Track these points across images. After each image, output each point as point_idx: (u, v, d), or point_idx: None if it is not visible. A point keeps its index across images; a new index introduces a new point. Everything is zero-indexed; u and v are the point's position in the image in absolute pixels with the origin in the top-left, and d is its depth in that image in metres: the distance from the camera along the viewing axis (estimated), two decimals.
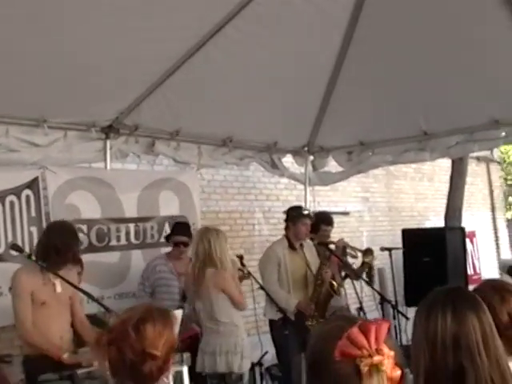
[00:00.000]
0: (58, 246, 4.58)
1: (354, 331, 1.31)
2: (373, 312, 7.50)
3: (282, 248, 6.40)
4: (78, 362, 4.42)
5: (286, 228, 6.52)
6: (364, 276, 6.63)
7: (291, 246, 6.43)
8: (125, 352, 2.19)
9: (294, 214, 6.47)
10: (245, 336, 5.63)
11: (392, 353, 1.32)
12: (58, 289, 4.67)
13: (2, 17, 4.02)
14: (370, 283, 6.55)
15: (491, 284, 2.53)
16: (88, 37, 4.55)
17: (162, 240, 6.67)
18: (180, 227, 6.33)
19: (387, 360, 1.30)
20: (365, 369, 1.29)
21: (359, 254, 6.88)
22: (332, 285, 6.25)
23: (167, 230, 6.69)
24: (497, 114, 6.40)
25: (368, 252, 6.79)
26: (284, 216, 6.71)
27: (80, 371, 4.29)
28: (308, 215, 6.49)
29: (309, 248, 6.58)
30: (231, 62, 5.60)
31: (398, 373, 1.33)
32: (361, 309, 6.42)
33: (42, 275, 4.62)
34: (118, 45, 4.79)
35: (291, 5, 5.00)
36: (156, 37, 4.83)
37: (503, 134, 6.62)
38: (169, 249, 6.36)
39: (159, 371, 2.24)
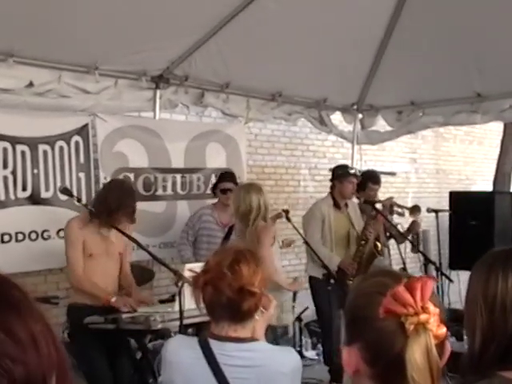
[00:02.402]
0: (113, 207, 4.62)
1: (400, 289, 1.29)
2: (416, 273, 7.48)
3: (327, 206, 6.37)
4: (126, 304, 4.50)
5: (332, 186, 6.48)
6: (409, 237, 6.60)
7: (336, 205, 6.39)
8: (223, 291, 2.31)
9: (340, 173, 6.42)
10: (284, 290, 5.63)
11: (437, 310, 1.31)
12: (113, 240, 4.74)
13: None
14: (416, 246, 6.51)
15: None
16: None
17: (208, 192, 6.69)
18: (227, 175, 6.35)
19: (433, 318, 1.29)
20: (411, 327, 1.28)
21: (406, 213, 6.83)
22: (376, 245, 6.22)
23: (213, 181, 6.69)
24: None
25: (415, 209, 6.72)
26: (330, 174, 6.67)
27: (124, 315, 4.38)
28: (354, 174, 6.44)
29: (353, 207, 6.54)
30: (285, 17, 5.53)
31: (443, 330, 1.32)
32: (404, 270, 6.38)
33: (95, 226, 4.68)
34: None
35: None
36: None
37: None
38: (215, 200, 6.37)
39: (255, 308, 2.38)
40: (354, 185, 6.37)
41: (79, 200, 4.61)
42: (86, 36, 5.02)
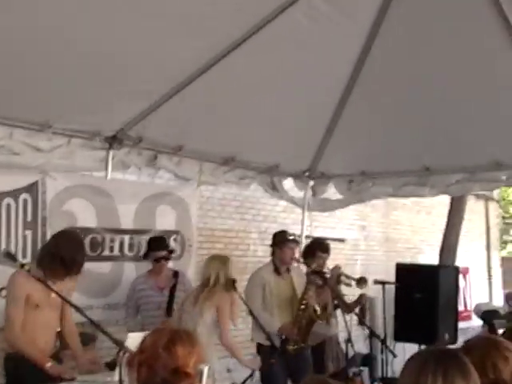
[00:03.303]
0: (65, 259, 4.57)
1: None
2: (361, 343, 7.50)
3: (268, 272, 6.42)
4: (62, 373, 4.40)
5: (272, 252, 6.53)
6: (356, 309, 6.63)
7: (277, 271, 6.43)
8: (157, 372, 2.29)
9: (279, 239, 6.49)
10: (216, 360, 5.61)
11: None
12: (53, 294, 4.64)
13: (12, 17, 4.03)
14: (361, 319, 6.54)
15: (492, 341, 2.49)
16: (100, 43, 4.55)
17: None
18: (156, 242, 6.33)
19: None
20: None
21: (353, 283, 6.89)
22: (315, 310, 6.21)
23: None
24: (499, 155, 6.41)
25: (362, 281, 6.79)
26: None
27: None
28: (293, 240, 6.51)
29: (298, 273, 6.57)
30: (240, 83, 5.60)
31: None
32: (349, 340, 6.39)
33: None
34: (130, 55, 4.79)
35: (302, 27, 5.00)
36: (168, 52, 4.85)
37: (504, 177, 6.63)
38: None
39: None
40: (293, 251, 6.43)
41: (22, 266, 4.51)
42: (39, 93, 4.99)
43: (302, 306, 6.23)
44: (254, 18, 4.81)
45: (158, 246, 6.24)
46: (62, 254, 4.60)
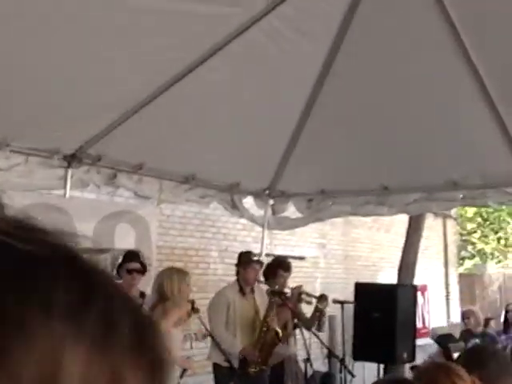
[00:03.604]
0: None
1: None
2: (320, 362, 7.51)
3: (233, 292, 6.43)
4: None
5: (237, 273, 6.54)
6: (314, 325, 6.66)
7: (241, 291, 6.44)
8: None
9: (243, 259, 6.53)
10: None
11: None
12: None
13: None
14: (319, 338, 6.56)
15: (442, 368, 2.52)
16: (58, 59, 4.53)
17: (115, 273, 6.59)
18: (132, 255, 6.31)
19: None
20: None
21: (314, 301, 6.92)
22: (277, 332, 6.23)
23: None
24: (456, 176, 6.52)
25: (322, 298, 6.84)
26: None
27: None
28: (258, 261, 6.54)
29: (260, 293, 6.59)
30: (199, 101, 5.62)
31: None
32: (308, 360, 6.41)
33: None
34: (90, 72, 4.77)
35: (262, 46, 5.05)
36: (130, 67, 4.85)
37: (461, 196, 6.74)
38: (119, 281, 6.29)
39: None
40: (256, 271, 6.47)
41: None
42: None
43: (264, 329, 6.24)
44: (214, 37, 4.84)
45: (132, 258, 6.21)
46: None
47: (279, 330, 6.24)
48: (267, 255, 8.18)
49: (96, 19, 4.23)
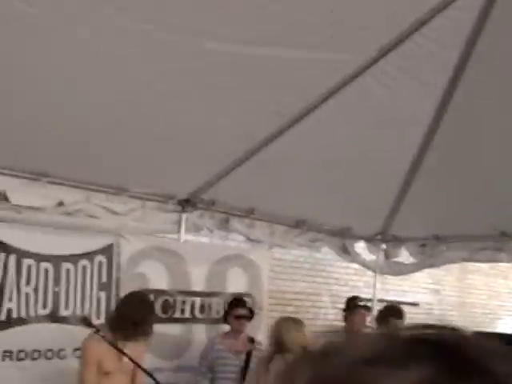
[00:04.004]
0: (135, 319, 4.65)
1: None
2: None
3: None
4: None
5: (345, 318, 6.46)
6: None
7: None
8: None
9: (350, 305, 6.44)
10: None
11: None
12: (125, 358, 4.70)
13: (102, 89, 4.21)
14: None
15: None
16: (177, 110, 4.69)
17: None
18: (240, 302, 6.33)
19: None
20: None
21: None
22: None
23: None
24: None
25: None
26: None
27: None
28: (364, 306, 6.42)
29: None
30: (311, 147, 5.65)
31: None
32: None
33: (108, 345, 4.66)
34: (205, 122, 4.91)
35: (375, 95, 5.04)
36: (241, 119, 4.94)
37: None
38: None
39: None
40: (363, 316, 6.35)
41: (98, 331, 4.60)
42: (116, 159, 5.17)
43: None
44: (325, 86, 4.87)
45: (238, 305, 6.25)
46: (132, 315, 4.67)
47: None
48: (379, 301, 8.04)
49: (217, 71, 4.35)
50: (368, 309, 6.49)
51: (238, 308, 6.20)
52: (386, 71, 4.83)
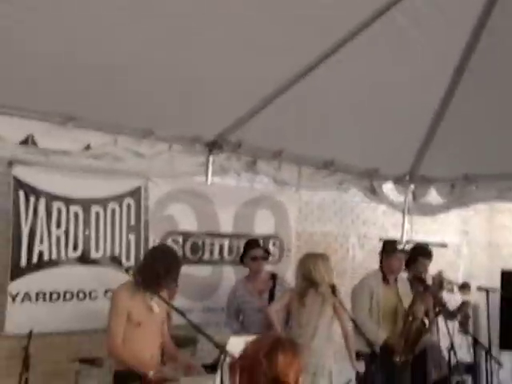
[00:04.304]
0: (160, 273, 4.69)
1: None
2: (464, 351, 7.28)
3: (376, 280, 6.34)
4: (164, 379, 4.49)
5: (381, 260, 6.44)
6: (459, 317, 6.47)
7: (385, 279, 6.34)
8: (257, 379, 2.32)
9: (388, 248, 6.40)
10: (332, 362, 5.63)
11: None
12: (156, 309, 4.77)
13: (122, 32, 4.16)
14: (464, 327, 6.37)
15: None
16: (203, 51, 4.63)
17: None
18: (255, 242, 6.37)
19: None
20: None
21: (456, 289, 6.73)
22: (423, 323, 6.07)
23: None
24: None
25: (465, 287, 6.62)
26: (379, 243, 6.64)
27: None
28: (402, 250, 6.39)
29: (402, 282, 6.46)
30: (338, 86, 5.56)
31: None
32: (452, 348, 6.22)
33: (140, 295, 4.73)
34: (231, 61, 4.84)
35: (404, 31, 4.93)
36: (266, 57, 4.87)
37: None
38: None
39: None
40: (401, 261, 6.34)
41: (127, 270, 4.65)
42: (142, 101, 5.13)
43: (410, 318, 6.11)
44: (351, 21, 4.77)
45: (252, 246, 6.28)
46: (156, 266, 4.71)
47: (426, 321, 6.09)
48: (407, 242, 8.02)
49: (242, 9, 4.27)
50: (405, 253, 6.46)
51: (253, 249, 6.23)
52: (415, 6, 4.72)
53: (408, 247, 7.31)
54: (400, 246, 6.45)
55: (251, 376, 2.33)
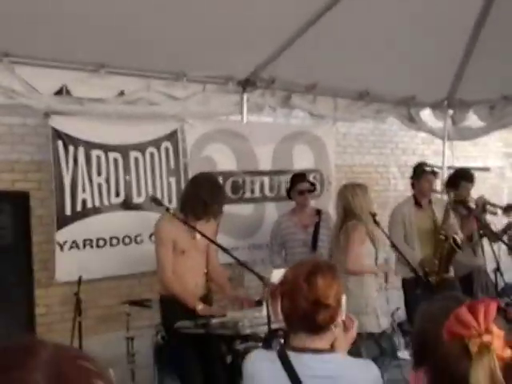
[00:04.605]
0: (205, 200, 4.72)
1: (462, 311, 1.29)
2: (510, 273, 7.27)
3: (408, 206, 6.34)
4: (211, 313, 4.58)
5: (412, 185, 6.42)
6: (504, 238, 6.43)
7: (417, 203, 6.32)
8: (298, 303, 2.35)
9: (417, 171, 6.36)
10: (374, 293, 5.63)
11: (502, 333, 1.28)
12: (198, 236, 4.80)
13: None
14: (509, 246, 6.34)
15: None
16: None
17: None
18: (299, 177, 6.35)
19: (497, 340, 1.26)
20: (474, 349, 1.26)
21: (499, 212, 6.69)
22: (455, 240, 6.05)
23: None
24: None
25: (509, 208, 6.58)
26: None
27: (214, 320, 4.45)
28: (432, 171, 6.32)
29: (440, 204, 6.41)
30: (371, 14, 5.45)
31: (508, 353, 1.29)
32: (498, 270, 6.22)
33: (181, 225, 4.75)
34: None
35: None
36: None
37: None
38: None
39: (331, 320, 2.40)
40: (430, 182, 6.29)
41: (168, 209, 4.70)
42: (172, 44, 5.12)
43: (441, 237, 6.10)
44: None
45: (299, 179, 6.28)
46: (201, 194, 4.72)
47: (457, 237, 6.06)
48: (449, 168, 7.95)
49: None
50: (435, 174, 6.39)
51: (299, 183, 6.23)
52: None
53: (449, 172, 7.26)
54: (428, 168, 6.35)
55: (292, 300, 2.37)
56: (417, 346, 1.47)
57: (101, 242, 5.55)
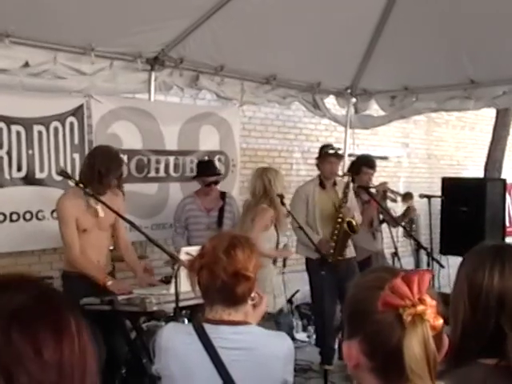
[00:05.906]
0: (101, 171, 4.64)
1: (397, 282, 1.33)
2: (407, 258, 7.56)
3: (313, 186, 6.45)
4: (121, 289, 4.55)
5: (318, 167, 6.54)
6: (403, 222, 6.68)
7: (322, 184, 6.44)
8: (218, 275, 2.37)
9: (321, 153, 6.48)
10: (274, 275, 5.76)
11: (434, 302, 1.34)
12: (101, 213, 4.74)
13: None
14: (409, 231, 6.58)
15: None
16: None
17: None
18: (207, 167, 6.36)
19: (430, 309, 1.32)
20: (408, 318, 1.31)
21: (399, 199, 6.93)
22: (350, 223, 6.21)
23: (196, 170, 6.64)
24: None
25: (408, 196, 6.83)
26: None
27: (120, 297, 4.43)
28: (335, 154, 6.44)
29: (342, 187, 6.54)
30: (278, 2, 5.53)
31: (440, 322, 1.35)
32: (395, 254, 6.45)
33: (84, 201, 4.69)
34: None
35: None
36: None
37: None
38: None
39: (249, 292, 2.45)
40: (333, 164, 6.38)
41: (77, 183, 4.60)
42: (81, 17, 5.01)
43: (339, 220, 6.25)
44: None
45: (208, 171, 6.28)
46: (96, 165, 4.65)
47: (353, 220, 6.21)
48: (350, 155, 8.16)
49: None
50: (338, 156, 6.52)
51: (205, 176, 6.23)
52: None
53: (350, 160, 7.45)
54: (332, 151, 6.46)
55: (211, 272, 2.39)
56: (350, 315, 1.50)
57: (0, 217, 5.38)
